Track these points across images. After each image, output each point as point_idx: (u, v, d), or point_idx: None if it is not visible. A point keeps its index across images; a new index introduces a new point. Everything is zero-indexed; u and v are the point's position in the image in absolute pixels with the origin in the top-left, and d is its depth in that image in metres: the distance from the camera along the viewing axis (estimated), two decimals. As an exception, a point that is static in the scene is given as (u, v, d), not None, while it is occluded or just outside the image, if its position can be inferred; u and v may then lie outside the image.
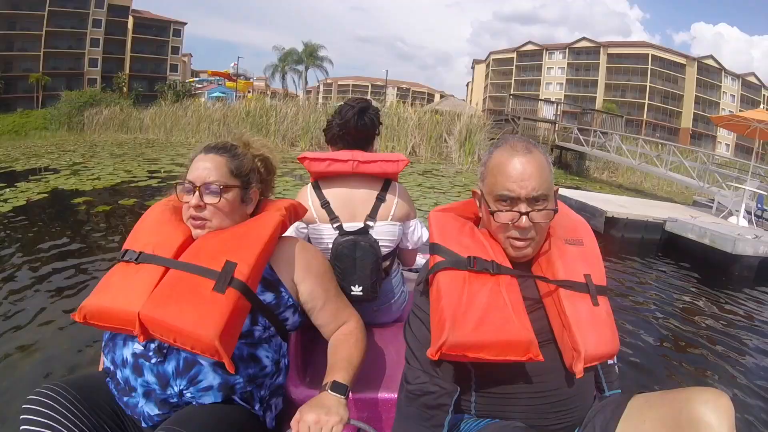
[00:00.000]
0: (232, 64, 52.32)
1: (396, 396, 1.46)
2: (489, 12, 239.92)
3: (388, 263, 2.06)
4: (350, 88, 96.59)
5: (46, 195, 7.23)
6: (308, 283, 1.49)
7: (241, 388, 1.36)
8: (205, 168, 1.43)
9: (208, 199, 1.41)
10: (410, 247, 2.13)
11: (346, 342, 1.48)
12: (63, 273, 4.28)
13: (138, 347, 1.31)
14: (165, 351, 1.30)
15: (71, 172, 9.27)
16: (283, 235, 1.55)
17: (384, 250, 1.98)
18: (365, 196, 1.99)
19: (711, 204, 12.17)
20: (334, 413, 1.19)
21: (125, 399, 1.34)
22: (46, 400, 1.25)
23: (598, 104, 61.64)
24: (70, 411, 1.26)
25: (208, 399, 1.32)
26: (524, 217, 1.25)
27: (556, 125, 25.71)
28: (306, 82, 55.38)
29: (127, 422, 1.37)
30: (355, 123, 2.02)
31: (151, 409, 1.31)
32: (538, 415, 1.26)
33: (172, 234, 1.43)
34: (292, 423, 1.18)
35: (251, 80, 54.10)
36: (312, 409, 1.19)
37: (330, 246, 1.94)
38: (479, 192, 1.37)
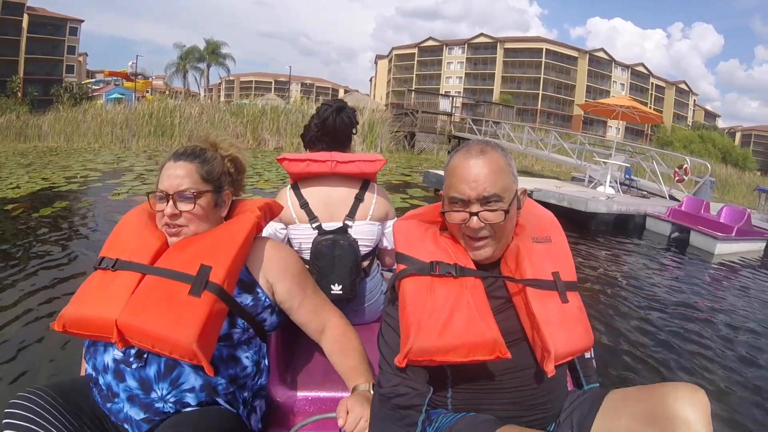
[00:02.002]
0: (130, 63, 49.91)
1: None
2: (392, 7, 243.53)
3: (367, 263, 2.08)
4: (253, 85, 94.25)
5: (-31, 205, 7.28)
6: (285, 282, 1.49)
7: (224, 389, 1.35)
8: (177, 176, 1.43)
9: (182, 207, 1.41)
10: (389, 248, 2.15)
11: (349, 341, 1.51)
12: (31, 278, 4.24)
13: (118, 353, 1.31)
14: (145, 356, 1.30)
15: (-15, 183, 9.17)
16: (258, 236, 1.55)
17: (363, 250, 2.01)
18: (344, 195, 2.02)
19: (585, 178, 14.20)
20: (365, 408, 1.28)
21: (109, 405, 1.34)
22: (29, 404, 1.26)
23: (495, 96, 64.77)
24: (53, 415, 1.27)
25: (192, 401, 1.31)
26: (474, 218, 1.27)
27: (452, 117, 27.56)
28: (208, 81, 54.31)
29: (110, 429, 1.37)
30: (333, 121, 2.05)
31: (136, 413, 1.29)
32: (514, 409, 1.29)
33: (149, 240, 1.43)
34: (340, 411, 1.27)
35: (150, 79, 52.31)
36: (362, 404, 1.28)
37: (309, 246, 1.96)
38: (443, 195, 1.38)
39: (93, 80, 49.14)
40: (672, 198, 12.02)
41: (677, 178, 12.91)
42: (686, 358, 3.64)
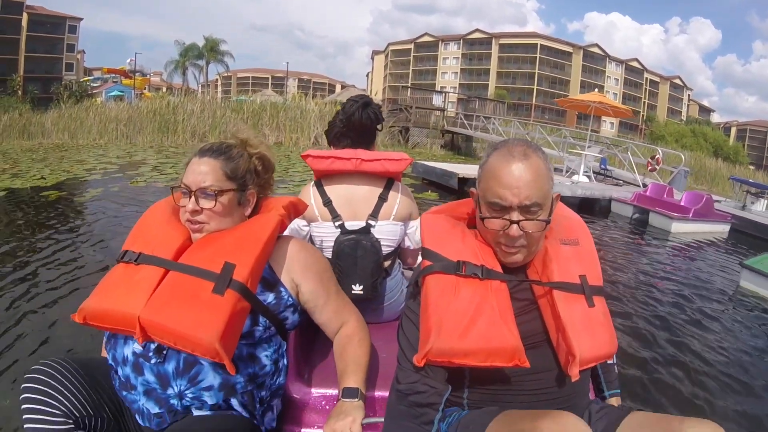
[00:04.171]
0: (128, 60, 50.17)
1: None
2: (388, 1, 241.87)
3: (389, 263, 2.05)
4: (250, 81, 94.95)
5: (3, 192, 7.84)
6: (309, 282, 1.48)
7: (242, 388, 1.35)
8: (200, 172, 1.41)
9: (204, 204, 1.40)
10: (412, 247, 2.12)
11: (350, 344, 1.49)
12: (64, 264, 4.49)
13: (138, 347, 1.30)
14: (165, 352, 1.29)
15: (10, 176, 9.44)
16: (283, 234, 1.55)
17: (385, 250, 1.98)
18: (367, 194, 1.99)
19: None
20: (345, 415, 1.28)
21: (125, 394, 1.34)
22: (50, 371, 1.27)
23: (491, 91, 65.48)
24: (73, 385, 1.28)
25: (209, 399, 1.30)
26: (514, 226, 1.22)
27: (445, 112, 28.32)
28: (207, 77, 54.86)
29: (125, 411, 1.38)
30: (359, 117, 2.02)
31: (152, 407, 1.30)
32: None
33: (172, 234, 1.43)
34: None
35: (148, 76, 52.73)
36: (329, 421, 1.27)
37: (331, 244, 1.94)
38: (476, 193, 1.32)
39: (91, 78, 49.07)
40: (645, 186, 12.96)
41: (650, 167, 13.90)
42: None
